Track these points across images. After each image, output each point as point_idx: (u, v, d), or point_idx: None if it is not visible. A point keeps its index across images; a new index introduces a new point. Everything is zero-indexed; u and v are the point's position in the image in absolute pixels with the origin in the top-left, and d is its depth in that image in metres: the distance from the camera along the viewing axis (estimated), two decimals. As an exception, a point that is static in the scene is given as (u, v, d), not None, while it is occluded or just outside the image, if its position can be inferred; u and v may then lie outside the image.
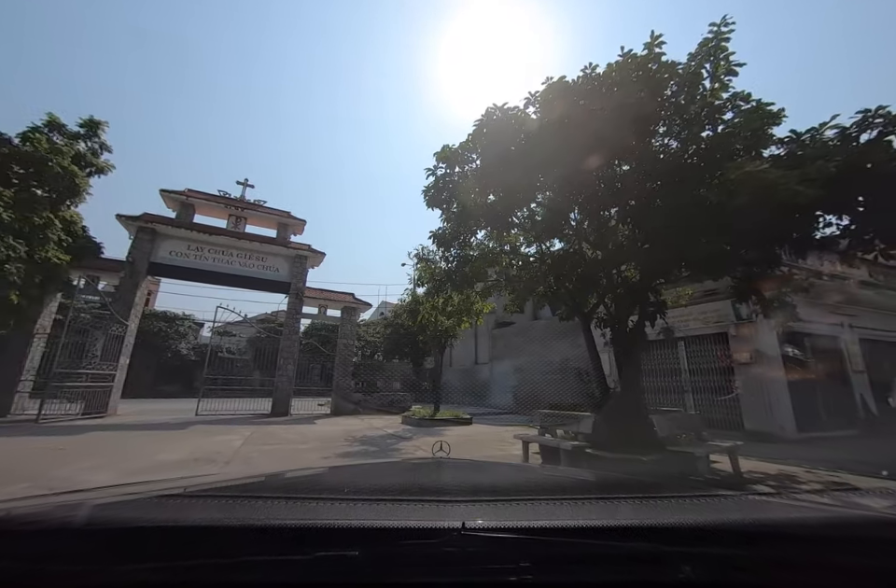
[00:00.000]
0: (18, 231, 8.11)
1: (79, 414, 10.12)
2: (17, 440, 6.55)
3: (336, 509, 0.86)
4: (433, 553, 0.60)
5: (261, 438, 7.68)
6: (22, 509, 0.82)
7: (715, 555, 0.61)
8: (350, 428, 9.21)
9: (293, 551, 0.59)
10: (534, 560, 0.59)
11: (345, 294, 14.73)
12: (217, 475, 2.02)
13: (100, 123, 10.30)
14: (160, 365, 24.90)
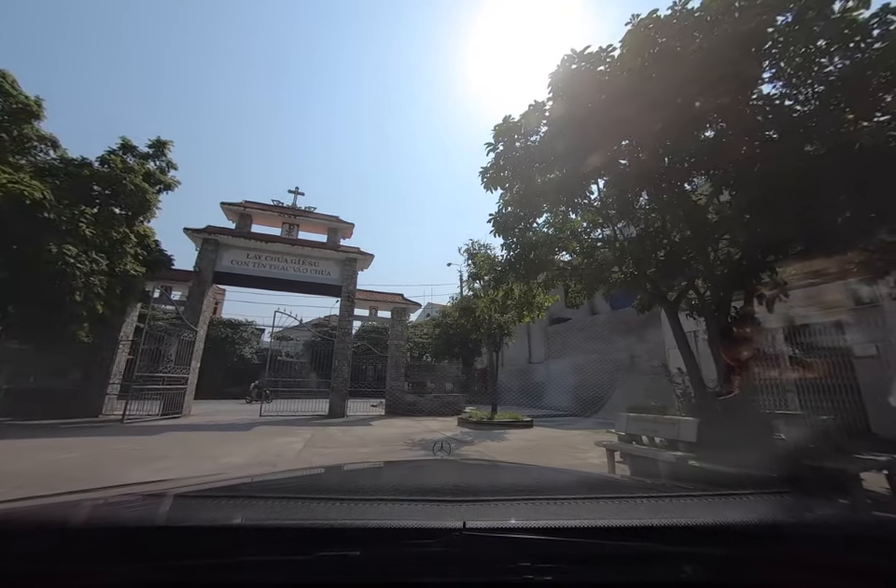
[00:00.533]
0: (99, 246, 8.67)
1: (158, 415, 10.71)
2: (101, 440, 6.88)
3: (337, 509, 0.85)
4: (434, 552, 0.59)
5: (321, 440, 7.56)
6: (20, 510, 0.81)
7: (717, 555, 0.59)
8: (407, 431, 8.91)
9: (294, 551, 0.58)
10: (535, 560, 0.58)
11: (395, 295, 14.62)
12: (223, 474, 1.97)
13: (166, 143, 10.92)
14: (227, 369, 26.38)
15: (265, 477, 1.56)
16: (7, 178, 7.23)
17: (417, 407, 13.78)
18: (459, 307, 9.53)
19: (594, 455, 5.57)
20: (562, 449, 6.42)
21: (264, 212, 13.24)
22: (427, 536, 0.60)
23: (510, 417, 9.47)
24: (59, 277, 7.65)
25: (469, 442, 7.11)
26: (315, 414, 12.61)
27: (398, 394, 13.69)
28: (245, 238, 12.63)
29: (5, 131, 8.79)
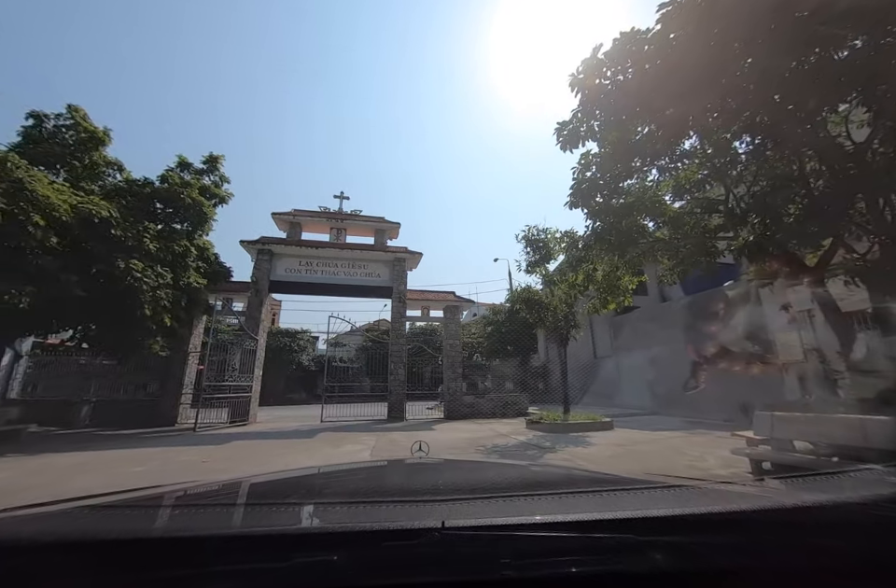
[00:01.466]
0: (163, 260, 8.81)
1: (227, 423, 10.82)
2: (173, 450, 6.80)
3: (314, 513, 0.83)
4: (414, 553, 0.58)
5: (386, 447, 7.06)
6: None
7: (684, 543, 0.61)
8: (475, 435, 8.21)
9: (270, 558, 0.56)
10: (514, 555, 0.58)
11: (446, 293, 14.05)
12: (196, 480, 1.77)
13: (218, 158, 11.10)
14: (287, 376, 27.15)
15: (239, 482, 1.47)
16: (78, 200, 7.44)
17: (476, 409, 13.06)
18: (520, 299, 8.70)
19: (712, 463, 4.55)
20: (668, 455, 5.41)
21: (312, 219, 13.21)
22: (406, 537, 0.59)
23: (586, 418, 8.49)
24: (129, 293, 7.77)
25: (549, 449, 6.27)
26: (373, 419, 12.28)
27: (455, 395, 13.04)
28: (296, 246, 12.64)
29: (77, 159, 9.23)
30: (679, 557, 0.59)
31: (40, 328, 8.19)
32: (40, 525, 0.80)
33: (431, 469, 1.59)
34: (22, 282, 6.30)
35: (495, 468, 1.77)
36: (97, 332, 9.30)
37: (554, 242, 8.13)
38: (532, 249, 8.38)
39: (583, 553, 0.60)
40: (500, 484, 1.28)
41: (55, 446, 7.36)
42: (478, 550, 0.60)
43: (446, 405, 13.10)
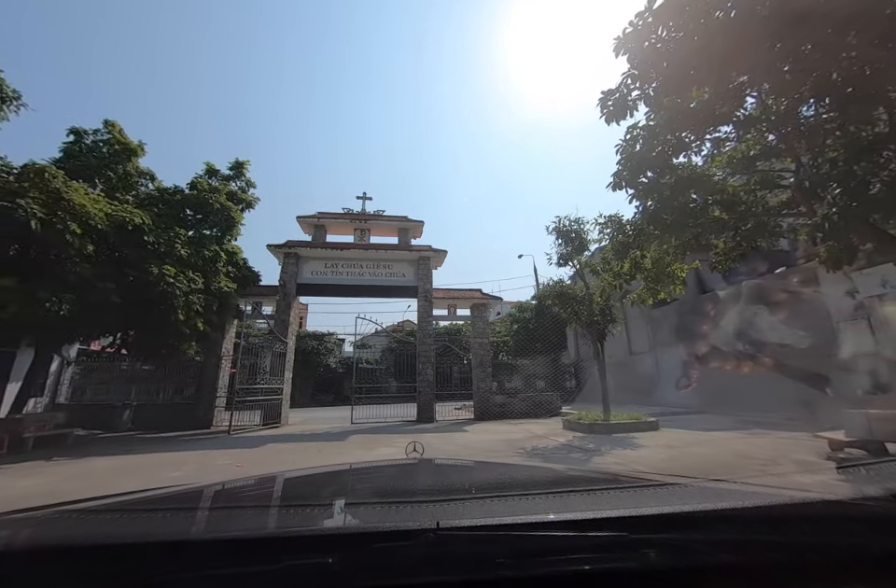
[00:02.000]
0: (194, 265, 8.89)
1: (260, 425, 10.86)
2: (209, 453, 6.77)
3: (307, 515, 0.82)
4: (409, 554, 0.58)
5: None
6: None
7: (678, 541, 0.61)
8: (510, 437, 7.85)
9: (263, 561, 0.55)
10: (509, 555, 0.58)
11: (472, 291, 13.73)
12: (189, 484, 1.77)
13: (243, 163, 11.22)
14: (315, 378, 27.43)
15: (234, 484, 1.50)
16: (113, 208, 7.57)
17: (508, 409, 12.67)
18: (551, 294, 8.28)
19: (789, 467, 4.04)
20: (730, 459, 4.89)
21: (336, 221, 13.17)
22: (401, 538, 0.59)
23: (628, 418, 7.97)
24: (162, 298, 7.85)
25: (594, 451, 5.85)
26: (403, 420, 12.09)
27: (485, 395, 12.69)
28: (321, 248, 12.63)
29: (112, 170, 9.46)
30: (673, 555, 0.59)
31: (81, 334, 8.38)
32: (20, 530, 0.78)
33: (426, 469, 1.57)
34: (62, 289, 6.41)
35: (489, 468, 1.78)
36: (135, 338, 9.49)
37: (588, 231, 7.69)
38: (564, 241, 7.96)
39: (578, 551, 0.60)
40: (495, 484, 1.27)
41: (98, 449, 7.49)
42: (473, 550, 0.60)
43: (476, 405, 12.77)
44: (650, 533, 0.61)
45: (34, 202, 6.04)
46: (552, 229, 8.11)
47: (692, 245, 4.52)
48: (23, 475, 5.27)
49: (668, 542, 0.61)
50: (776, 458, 4.50)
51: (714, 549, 0.61)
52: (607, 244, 5.37)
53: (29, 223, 5.84)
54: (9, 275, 5.97)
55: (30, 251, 6.30)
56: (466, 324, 29.47)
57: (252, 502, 1.08)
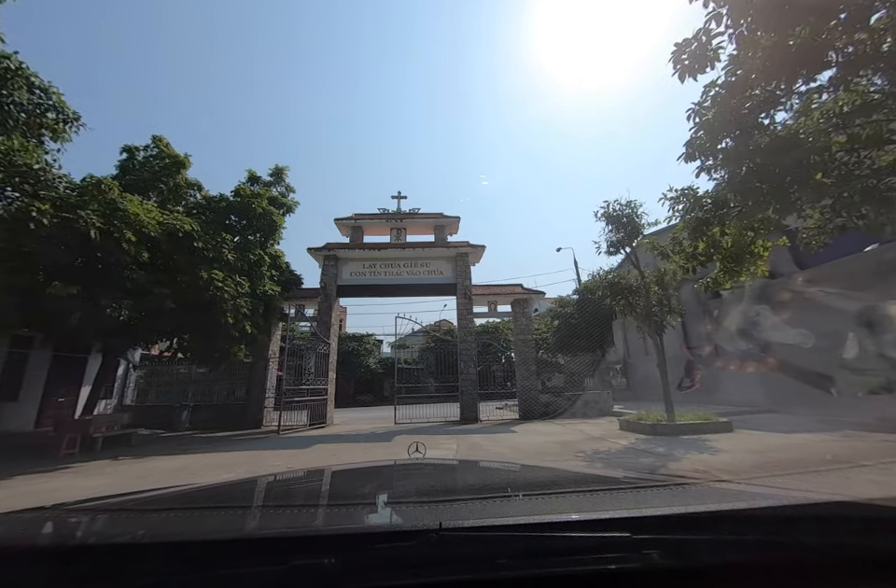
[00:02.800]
0: (240, 270, 9.05)
1: (307, 425, 10.97)
2: (260, 454, 6.79)
3: (310, 515, 0.83)
4: (412, 554, 0.57)
5: (470, 452, 6.48)
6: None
7: (681, 541, 0.60)
8: (563, 439, 7.34)
9: (266, 561, 0.55)
10: (511, 555, 0.58)
11: (513, 286, 13.23)
12: (192, 483, 1.64)
13: (283, 169, 11.40)
14: (356, 378, 27.84)
15: (234, 485, 1.46)
16: (164, 217, 7.81)
17: (554, 408, 12.08)
18: (601, 285, 7.66)
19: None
20: (838, 468, 4.16)
21: (373, 221, 13.13)
22: (404, 538, 0.59)
23: (696, 418, 7.23)
24: (212, 302, 8.02)
25: (667, 456, 5.25)
26: (446, 420, 11.82)
27: (530, 394, 12.16)
28: (358, 249, 12.63)
29: (163, 183, 9.85)
30: (677, 555, 0.58)
31: (141, 339, 8.72)
32: (25, 528, 0.80)
33: (428, 470, 1.56)
34: (121, 296, 6.64)
35: (491, 469, 1.76)
36: (189, 342, 9.84)
37: (643, 215, 7.04)
38: (615, 226, 7.34)
39: (581, 552, 0.59)
40: (497, 485, 1.26)
41: (159, 449, 7.75)
42: (476, 550, 0.59)
43: (521, 405, 12.28)
44: (653, 533, 0.60)
45: (92, 213, 6.27)
46: (600, 214, 7.50)
47: (776, 220, 3.87)
48: (91, 475, 5.44)
49: (672, 543, 0.60)
50: (892, 466, 3.76)
51: (719, 550, 0.60)
52: (678, 221, 4.78)
53: (89, 233, 6.06)
54: (75, 284, 6.22)
55: (91, 260, 6.55)
56: (503, 322, 29.05)
57: (254, 502, 1.06)
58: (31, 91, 7.73)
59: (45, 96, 7.90)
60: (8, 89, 7.14)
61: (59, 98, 8.04)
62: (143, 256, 6.92)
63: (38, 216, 5.67)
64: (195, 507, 1.01)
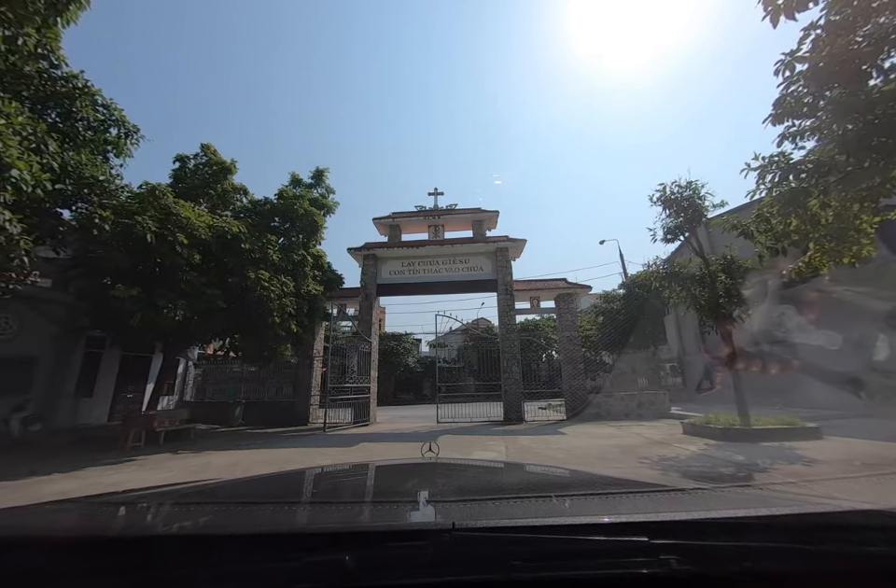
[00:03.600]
0: (285, 270, 9.22)
1: (351, 423, 11.04)
2: (309, 451, 6.81)
3: (325, 512, 0.84)
4: (425, 554, 0.57)
5: (520, 455, 6.12)
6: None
7: (700, 547, 0.59)
8: (621, 442, 6.79)
9: (280, 557, 0.56)
10: (525, 557, 0.57)
11: (556, 281, 12.64)
12: (209, 479, 1.50)
13: (323, 171, 11.55)
14: (396, 377, 28.07)
15: (249, 481, 1.47)
16: (213, 220, 8.08)
17: (604, 409, 11.39)
18: (660, 276, 6.99)
19: None
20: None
21: (410, 219, 13.04)
22: (417, 537, 0.58)
23: (778, 423, 6.41)
24: (259, 302, 8.20)
25: (750, 466, 4.60)
26: (489, 420, 11.46)
27: (578, 394, 11.54)
28: (397, 248, 12.58)
29: (212, 188, 10.25)
30: (694, 561, 0.56)
31: (195, 338, 9.09)
32: (48, 520, 0.81)
33: (443, 470, 1.53)
34: (176, 297, 6.90)
35: (505, 469, 1.74)
36: (239, 341, 10.20)
37: (706, 197, 6.35)
38: (674, 211, 6.68)
39: (596, 556, 0.58)
40: (511, 486, 1.24)
41: (214, 443, 8.02)
42: (489, 551, 0.58)
43: (568, 405, 11.69)
44: (672, 538, 0.58)
45: (149, 218, 6.55)
46: (656, 198, 6.86)
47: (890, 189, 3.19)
48: (154, 468, 5.64)
49: (692, 549, 0.57)
50: None
51: (740, 557, 0.57)
52: (763, 195, 4.12)
53: (146, 237, 6.33)
54: (136, 286, 6.52)
55: (149, 263, 6.86)
56: (543, 319, 28.18)
57: (271, 499, 1.05)
58: (95, 109, 8.26)
59: (107, 112, 8.43)
60: (77, 107, 7.64)
61: (120, 114, 8.53)
62: (195, 258, 7.17)
63: (101, 222, 5.98)
64: (213, 502, 1.02)
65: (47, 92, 7.34)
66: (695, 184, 6.71)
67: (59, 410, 10.29)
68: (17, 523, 0.76)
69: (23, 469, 5.47)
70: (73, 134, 7.95)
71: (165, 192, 7.10)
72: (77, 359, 10.99)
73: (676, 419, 10.36)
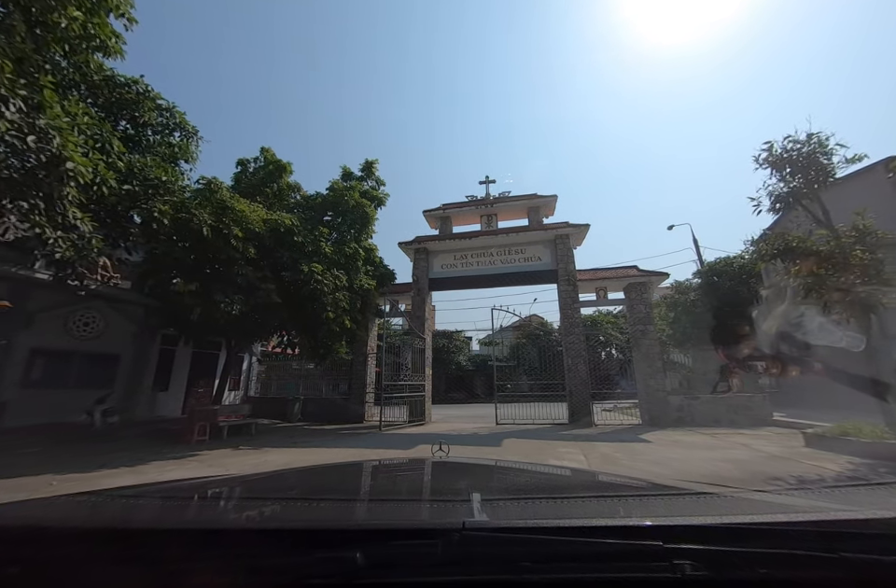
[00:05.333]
0: (337, 263, 8.95)
1: (406, 422, 10.60)
2: (367, 452, 6.36)
3: (336, 509, 0.83)
4: (434, 552, 0.56)
5: (606, 467, 5.18)
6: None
7: (714, 552, 0.57)
8: (729, 455, 5.60)
9: (292, 552, 0.56)
10: (535, 559, 0.56)
11: (626, 268, 11.31)
12: (219, 475, 1.77)
13: (373, 162, 11.25)
14: (447, 375, 27.56)
15: (261, 477, 1.47)
16: (267, 214, 7.95)
17: (688, 413, 9.94)
18: (771, 252, 5.64)
19: None
20: None
21: (461, 210, 12.38)
22: (427, 536, 0.58)
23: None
24: (313, 296, 7.96)
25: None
26: (553, 422, 10.47)
27: (657, 396, 10.18)
28: (448, 240, 11.98)
29: (268, 187, 10.30)
30: (708, 567, 0.54)
31: (253, 334, 9.08)
32: (66, 511, 0.83)
33: (453, 469, 1.50)
34: (233, 291, 6.78)
35: (516, 469, 1.71)
36: (295, 337, 10.15)
37: (835, 151, 5.01)
38: (790, 171, 5.36)
39: (606, 559, 0.57)
40: (522, 487, 1.23)
41: (273, 439, 7.87)
42: (499, 552, 0.57)
43: (645, 408, 10.36)
44: (686, 543, 0.56)
45: (205, 212, 6.46)
46: (762, 159, 5.56)
47: None
48: (213, 465, 5.45)
49: (706, 554, 0.56)
50: None
51: (756, 563, 0.55)
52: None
53: (202, 230, 6.22)
54: (194, 281, 6.45)
55: (206, 258, 6.80)
56: (601, 314, 26.22)
57: (282, 494, 1.06)
58: (159, 113, 8.49)
59: (169, 115, 8.65)
60: (141, 111, 7.86)
61: (181, 117, 8.74)
62: (249, 251, 7.03)
63: (160, 216, 5.92)
64: (226, 496, 1.08)
65: (114, 99, 7.59)
66: (818, 137, 5.34)
67: (138, 403, 10.91)
68: (40, 513, 0.78)
69: (95, 460, 5.53)
70: (139, 139, 8.23)
71: (220, 186, 7.04)
72: (154, 356, 11.63)
73: (782, 427, 8.74)
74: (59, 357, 9.68)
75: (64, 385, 9.70)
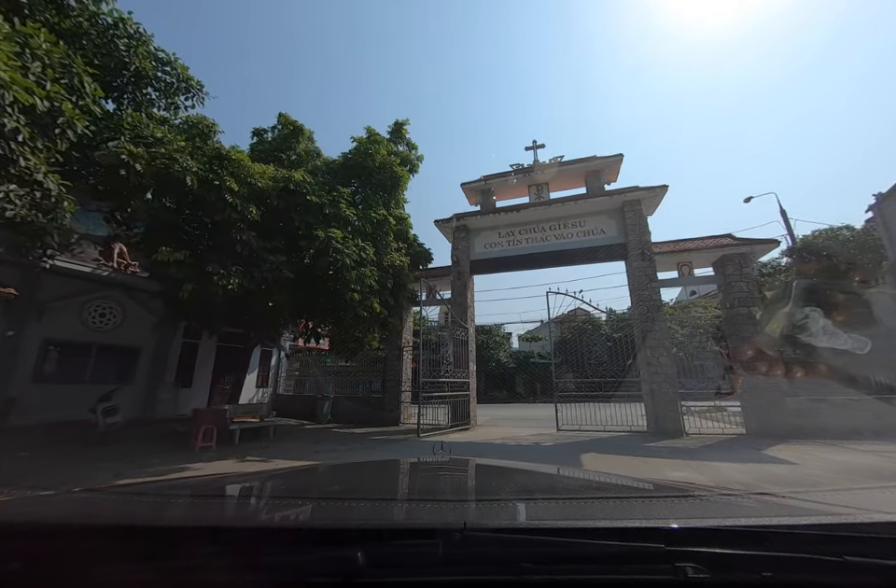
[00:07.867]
0: (363, 232, 7.29)
1: (448, 425, 8.80)
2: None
3: (338, 509, 0.81)
4: (435, 552, 0.54)
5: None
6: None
7: (716, 555, 0.55)
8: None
9: (294, 551, 0.56)
10: (535, 559, 0.55)
11: (718, 237, 8.88)
12: (224, 473, 1.62)
13: (402, 123, 9.55)
14: (487, 373, 25.50)
15: (262, 477, 1.46)
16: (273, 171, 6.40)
17: (812, 420, 7.44)
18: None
19: None
20: None
21: (506, 180, 10.36)
22: (427, 536, 0.56)
23: None
24: (333, 273, 6.34)
25: None
26: (629, 430, 8.30)
27: (767, 397, 7.75)
28: (491, 214, 10.04)
29: (283, 152, 8.84)
30: (710, 570, 0.53)
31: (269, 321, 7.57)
32: (74, 508, 0.82)
33: (455, 469, 1.48)
34: (230, 262, 5.25)
35: (518, 471, 1.62)
36: (321, 327, 8.65)
37: None
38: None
39: (608, 560, 0.55)
40: (524, 487, 1.19)
41: (292, 448, 6.20)
42: (499, 552, 0.56)
43: (750, 413, 7.96)
44: (688, 546, 0.55)
45: (189, 157, 4.96)
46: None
47: None
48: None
49: (709, 557, 0.54)
50: None
51: (759, 566, 0.54)
52: None
53: (184, 179, 4.71)
54: (182, 249, 4.98)
55: (196, 219, 5.32)
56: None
57: (286, 494, 1.05)
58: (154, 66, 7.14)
59: (172, 71, 7.34)
60: (131, 58, 6.53)
61: (183, 70, 7.40)
62: (251, 212, 5.48)
63: (129, 159, 4.44)
64: (230, 495, 1.03)
65: (103, 46, 6.32)
66: None
67: (160, 400, 9.85)
68: (42, 510, 0.79)
69: (50, 475, 4.15)
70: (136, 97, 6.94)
71: (213, 128, 5.54)
72: (176, 350, 10.58)
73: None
74: (73, 350, 8.71)
75: (79, 379, 8.71)
